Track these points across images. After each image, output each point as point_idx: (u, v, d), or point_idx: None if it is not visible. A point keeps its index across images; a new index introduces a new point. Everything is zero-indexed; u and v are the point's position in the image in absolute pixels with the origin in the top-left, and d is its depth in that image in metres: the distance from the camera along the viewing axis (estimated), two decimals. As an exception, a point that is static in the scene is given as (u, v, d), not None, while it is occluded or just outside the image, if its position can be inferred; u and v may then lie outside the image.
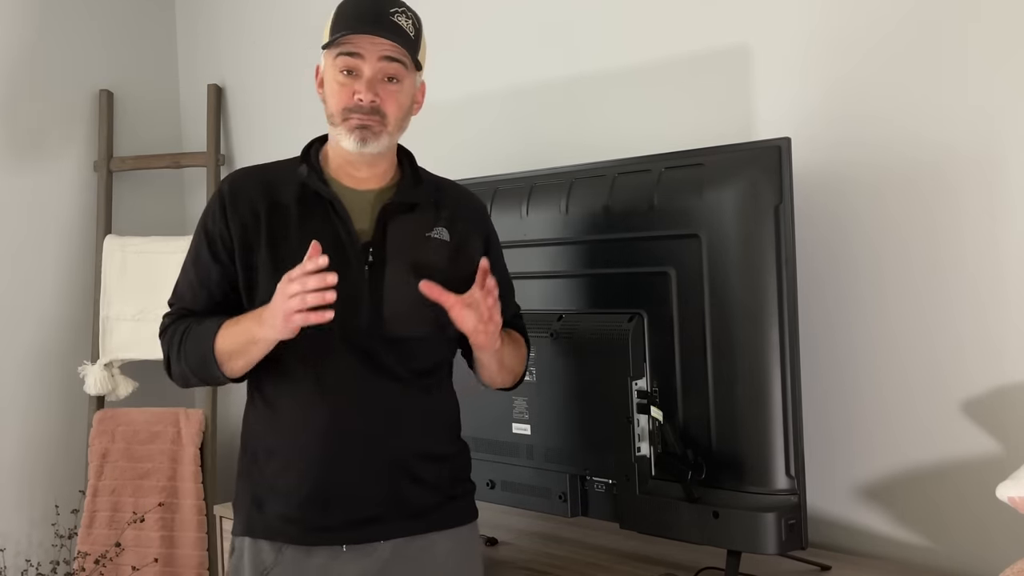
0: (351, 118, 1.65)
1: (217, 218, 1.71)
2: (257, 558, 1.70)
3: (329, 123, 1.70)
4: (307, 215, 1.69)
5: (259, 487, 1.72)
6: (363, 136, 1.65)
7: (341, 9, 1.67)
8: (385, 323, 1.67)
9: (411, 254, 1.69)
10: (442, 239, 1.73)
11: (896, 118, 1.92)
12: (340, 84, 1.65)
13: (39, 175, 3.28)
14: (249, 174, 1.77)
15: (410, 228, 1.71)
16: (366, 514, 1.69)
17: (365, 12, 1.64)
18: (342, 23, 1.64)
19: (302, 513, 1.68)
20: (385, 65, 1.64)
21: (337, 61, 1.65)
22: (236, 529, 1.75)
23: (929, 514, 1.93)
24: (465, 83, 2.70)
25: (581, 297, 1.98)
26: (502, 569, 1.96)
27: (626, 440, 1.86)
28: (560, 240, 2.00)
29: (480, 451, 2.14)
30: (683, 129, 2.24)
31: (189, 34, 3.56)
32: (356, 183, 1.72)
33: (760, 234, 1.70)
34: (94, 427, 3.18)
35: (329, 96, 1.68)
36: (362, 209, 1.70)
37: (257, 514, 1.71)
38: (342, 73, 1.65)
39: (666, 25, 2.26)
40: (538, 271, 2.06)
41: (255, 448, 1.74)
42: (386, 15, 1.64)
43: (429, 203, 1.75)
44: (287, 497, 1.69)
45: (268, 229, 1.68)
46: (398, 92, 1.67)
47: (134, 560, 3.06)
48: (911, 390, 1.93)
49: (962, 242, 1.86)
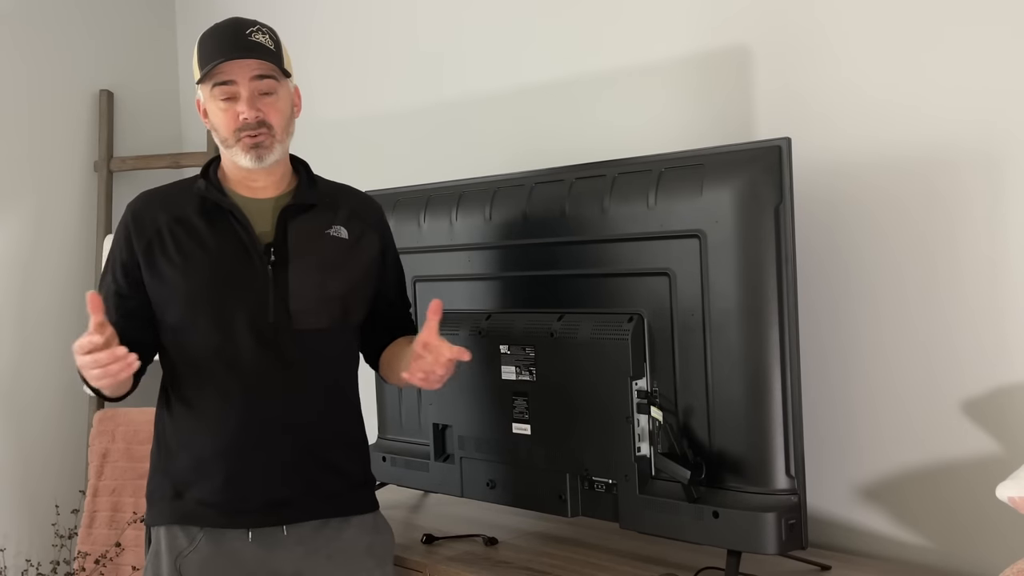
0: (242, 137, 1.79)
1: (123, 247, 1.84)
2: (173, 543, 1.81)
3: (223, 147, 1.83)
4: (209, 225, 1.82)
5: (177, 478, 1.83)
6: (259, 154, 1.79)
7: (203, 43, 1.81)
8: (292, 318, 1.80)
9: (312, 251, 1.84)
10: (340, 236, 1.88)
11: (896, 118, 1.92)
12: (223, 111, 1.79)
13: (39, 175, 3.28)
14: (150, 196, 1.89)
15: (309, 227, 1.85)
16: (279, 497, 1.81)
17: (225, 40, 1.78)
18: (208, 56, 1.78)
19: (218, 498, 1.80)
20: (257, 83, 1.79)
21: (215, 92, 1.79)
22: (152, 520, 1.86)
23: (929, 514, 1.93)
24: (465, 84, 2.71)
25: (581, 297, 1.98)
26: (502, 569, 1.96)
27: (626, 440, 1.86)
28: (560, 240, 2.00)
29: (480, 451, 2.14)
30: (683, 129, 2.24)
31: (189, 34, 3.56)
32: (254, 192, 1.86)
33: (760, 234, 1.70)
34: (94, 427, 3.18)
35: (217, 124, 1.81)
36: (262, 214, 1.84)
37: (174, 503, 1.82)
38: (222, 101, 1.79)
39: (666, 25, 2.26)
40: (538, 271, 2.06)
41: (171, 442, 1.85)
42: (244, 37, 1.78)
43: (326, 204, 1.89)
44: (203, 484, 1.81)
45: (173, 240, 1.82)
46: (276, 102, 1.81)
47: (134, 560, 3.06)
48: (911, 389, 1.93)
49: (962, 241, 1.85)
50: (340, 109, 3.06)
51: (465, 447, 2.18)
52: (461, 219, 2.19)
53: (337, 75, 3.05)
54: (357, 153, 3.03)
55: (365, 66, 2.97)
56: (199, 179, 1.87)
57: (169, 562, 1.81)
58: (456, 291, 2.22)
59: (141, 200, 1.88)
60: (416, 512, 2.43)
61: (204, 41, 1.82)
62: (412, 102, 2.85)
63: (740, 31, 2.14)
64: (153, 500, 1.87)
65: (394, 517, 2.33)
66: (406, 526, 2.29)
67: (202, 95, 1.84)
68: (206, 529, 1.81)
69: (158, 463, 1.88)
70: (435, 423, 2.23)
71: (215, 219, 1.82)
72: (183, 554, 1.80)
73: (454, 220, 2.20)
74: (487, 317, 2.12)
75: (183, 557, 1.80)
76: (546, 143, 2.51)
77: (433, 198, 2.26)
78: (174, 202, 1.85)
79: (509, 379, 2.06)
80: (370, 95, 2.97)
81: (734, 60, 2.15)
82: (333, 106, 3.07)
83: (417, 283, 2.30)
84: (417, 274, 2.29)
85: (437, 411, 2.22)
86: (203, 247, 1.81)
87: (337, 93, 3.06)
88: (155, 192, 1.91)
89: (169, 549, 1.82)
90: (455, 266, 2.22)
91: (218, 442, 1.81)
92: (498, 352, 2.07)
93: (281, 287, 1.80)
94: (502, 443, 2.09)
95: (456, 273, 2.22)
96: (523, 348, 2.03)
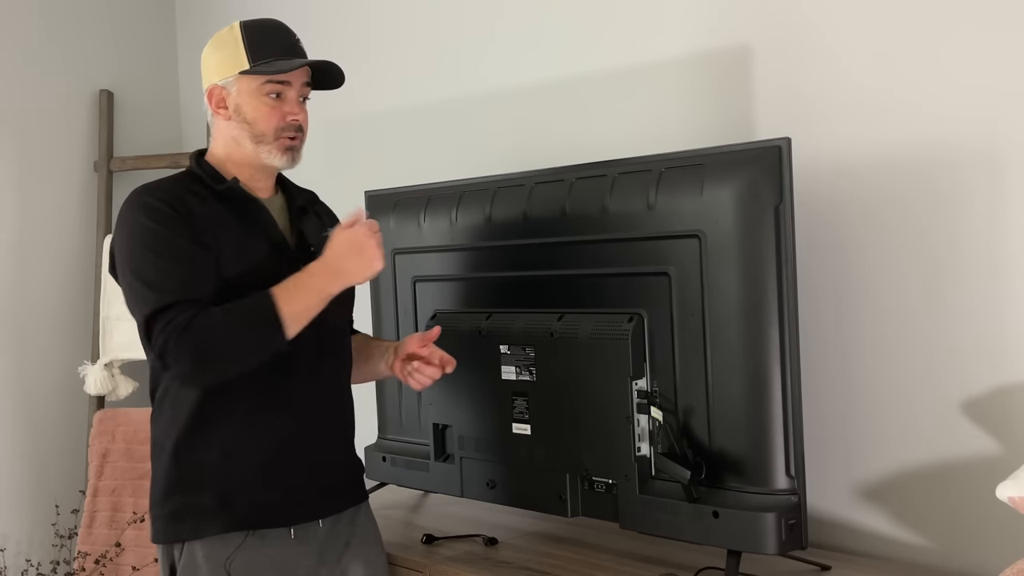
0: (282, 137, 1.81)
1: (170, 216, 1.74)
2: (212, 553, 1.76)
3: (256, 142, 1.82)
4: (241, 219, 1.81)
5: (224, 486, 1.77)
6: (293, 157, 1.84)
7: (254, 36, 1.81)
8: (328, 312, 1.79)
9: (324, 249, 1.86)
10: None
11: (896, 118, 1.92)
12: (270, 107, 1.81)
13: (39, 175, 3.28)
14: (165, 187, 1.81)
15: (316, 227, 1.90)
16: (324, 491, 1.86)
17: (283, 42, 1.83)
18: (266, 51, 1.80)
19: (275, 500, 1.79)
20: (303, 89, 1.86)
21: (265, 87, 1.80)
22: (184, 535, 1.77)
23: (929, 514, 1.93)
24: (465, 83, 2.71)
25: (581, 297, 1.98)
26: (502, 569, 1.96)
27: (626, 440, 1.86)
28: (560, 240, 2.00)
29: (480, 451, 2.14)
30: (683, 129, 2.24)
31: (189, 34, 3.56)
32: (257, 192, 1.87)
33: (760, 234, 1.70)
34: (94, 427, 3.18)
35: (257, 119, 1.81)
36: (276, 214, 1.88)
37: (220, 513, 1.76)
38: (269, 96, 1.81)
39: (666, 25, 2.26)
40: (538, 271, 2.06)
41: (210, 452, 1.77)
42: (298, 44, 1.85)
43: (312, 208, 1.96)
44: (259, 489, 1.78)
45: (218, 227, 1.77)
46: (306, 109, 1.89)
47: (134, 560, 3.06)
48: (911, 389, 1.93)
49: (962, 241, 1.85)
50: (340, 109, 3.05)
51: (465, 447, 2.18)
52: (461, 219, 2.18)
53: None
54: (357, 153, 3.03)
55: (364, 66, 2.97)
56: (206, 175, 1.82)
57: (212, 571, 1.75)
58: (456, 291, 2.22)
59: (157, 187, 1.80)
60: (416, 512, 2.43)
61: (255, 35, 1.81)
62: (412, 102, 2.85)
63: (740, 30, 2.14)
64: (181, 515, 1.77)
65: (394, 517, 2.33)
66: (406, 526, 2.29)
67: (236, 87, 1.81)
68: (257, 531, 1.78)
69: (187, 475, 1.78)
70: (435, 423, 2.23)
71: (244, 214, 1.81)
72: (230, 559, 1.76)
73: (454, 220, 2.20)
74: (487, 317, 2.12)
75: (230, 562, 1.76)
76: (546, 143, 2.51)
77: (433, 198, 2.26)
78: (195, 193, 1.79)
79: (509, 379, 2.06)
80: (370, 95, 2.97)
81: (734, 59, 2.15)
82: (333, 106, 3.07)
83: (417, 283, 2.30)
84: (417, 274, 2.29)
85: (437, 411, 2.22)
86: (241, 239, 1.78)
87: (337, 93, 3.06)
88: (163, 183, 1.82)
89: (207, 559, 1.76)
90: (455, 266, 2.22)
91: (273, 445, 1.79)
92: (498, 352, 2.07)
93: None
94: (502, 443, 2.09)
95: (456, 273, 2.22)
96: (523, 348, 2.03)
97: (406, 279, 2.30)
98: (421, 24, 2.81)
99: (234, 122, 1.82)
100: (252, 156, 1.83)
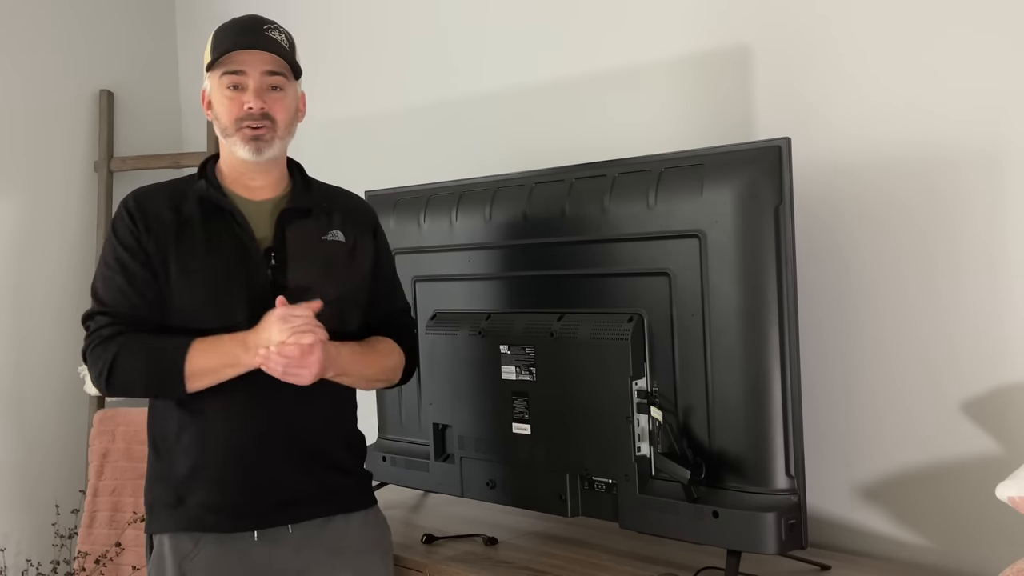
0: (243, 128, 1.78)
1: (129, 229, 1.81)
2: (178, 549, 1.80)
3: (222, 136, 1.82)
4: (210, 226, 1.81)
5: (179, 484, 1.81)
6: (258, 147, 1.79)
7: (219, 33, 1.83)
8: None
9: (310, 255, 1.83)
10: (338, 240, 1.88)
11: (896, 118, 1.92)
12: (228, 99, 1.79)
13: (39, 175, 3.28)
14: (150, 192, 1.88)
15: (307, 231, 1.85)
16: (284, 498, 1.81)
17: (241, 32, 1.80)
18: (222, 44, 1.79)
19: (224, 501, 1.79)
20: (268, 78, 1.79)
21: (223, 79, 1.79)
22: (153, 527, 1.84)
23: (929, 514, 1.93)
24: (465, 83, 2.71)
25: (581, 297, 1.98)
26: (502, 569, 1.96)
27: (626, 440, 1.86)
28: (560, 240, 2.00)
29: (480, 451, 2.14)
30: (683, 129, 2.24)
31: (189, 34, 3.56)
32: (252, 193, 1.85)
33: (760, 234, 1.70)
34: (94, 427, 3.18)
35: (220, 112, 1.81)
36: (260, 217, 1.83)
37: (177, 510, 1.80)
38: (229, 89, 1.79)
39: (666, 25, 2.27)
40: (538, 271, 2.06)
41: (172, 447, 1.82)
42: (261, 32, 1.80)
43: (322, 208, 1.89)
44: (208, 489, 1.79)
45: (176, 240, 1.80)
46: (283, 98, 1.81)
47: (134, 560, 3.06)
48: (911, 389, 1.93)
49: (961, 241, 1.85)
50: (340, 109, 3.06)
51: (465, 447, 2.18)
52: (461, 219, 2.19)
53: (337, 74, 3.05)
54: (357, 153, 3.03)
55: (364, 66, 2.97)
56: (198, 178, 1.86)
57: (174, 566, 1.79)
58: (456, 291, 2.22)
59: (140, 194, 1.85)
60: (416, 512, 2.43)
61: (220, 31, 1.82)
62: (412, 102, 2.85)
63: (740, 30, 2.14)
64: (154, 508, 1.84)
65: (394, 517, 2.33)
66: (406, 526, 2.29)
67: (209, 84, 1.83)
68: (209, 534, 1.80)
69: (157, 470, 1.85)
70: (435, 423, 2.23)
71: (215, 220, 1.81)
72: (188, 556, 1.79)
73: (454, 220, 2.20)
74: (487, 317, 2.12)
75: (188, 560, 1.79)
76: (546, 143, 2.51)
77: (433, 198, 2.26)
78: (173, 200, 1.83)
79: (509, 379, 2.06)
80: (370, 95, 2.97)
81: (734, 59, 2.15)
82: (333, 106, 3.07)
83: (417, 283, 2.30)
84: (417, 274, 2.29)
85: (437, 411, 2.22)
86: (204, 248, 1.79)
87: (338, 93, 3.06)
88: (152, 189, 1.88)
89: (173, 552, 1.80)
90: (455, 266, 2.22)
91: (222, 446, 1.79)
92: (498, 352, 2.07)
93: (281, 292, 1.77)
94: (502, 443, 2.09)
95: (456, 273, 2.22)
96: (523, 348, 2.03)
97: (406, 279, 2.30)
98: (421, 24, 2.81)
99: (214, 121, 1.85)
100: (230, 152, 1.83)
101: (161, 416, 1.85)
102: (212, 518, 1.79)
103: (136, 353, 1.75)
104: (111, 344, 1.76)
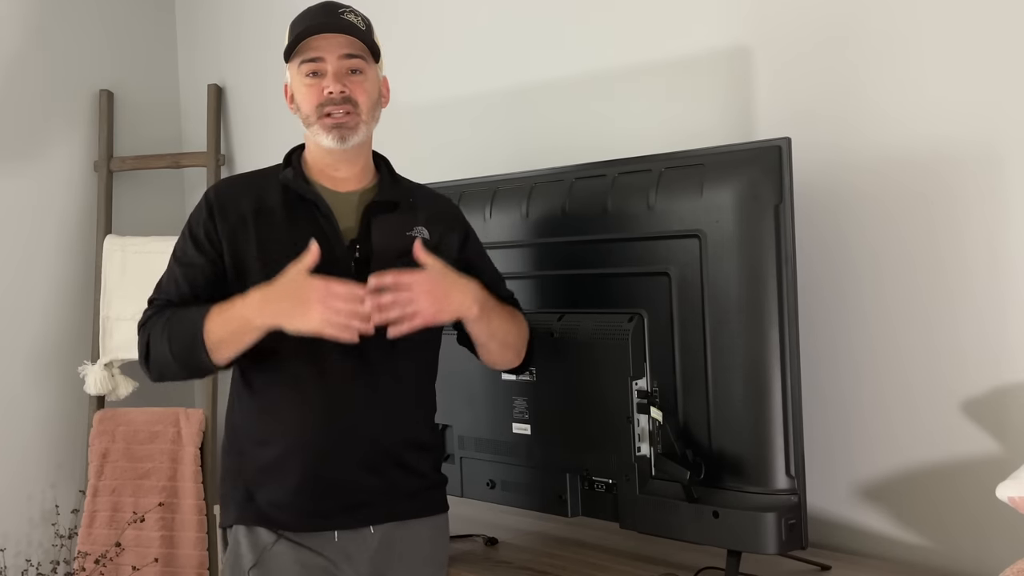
0: (325, 114, 1.73)
1: (204, 221, 1.77)
2: (255, 540, 1.75)
3: (306, 126, 1.77)
4: (293, 216, 1.75)
5: (250, 480, 1.76)
6: (341, 134, 1.73)
7: (294, 22, 1.77)
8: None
9: (396, 250, 1.75)
10: (423, 237, 1.80)
11: (896, 117, 1.92)
12: (308, 86, 1.74)
13: (39, 175, 3.27)
14: (234, 182, 1.84)
15: (393, 226, 1.78)
16: (358, 500, 1.75)
17: (316, 15, 1.75)
18: (297, 31, 1.74)
19: (296, 500, 1.74)
20: (346, 61, 1.73)
21: (302, 68, 1.74)
22: (228, 520, 1.80)
23: (929, 514, 1.93)
24: (465, 83, 2.71)
25: (581, 297, 1.98)
26: (502, 569, 1.96)
27: (626, 440, 1.86)
28: (560, 240, 2.00)
29: (480, 451, 2.14)
30: (683, 129, 2.24)
31: (189, 34, 3.56)
32: (337, 184, 1.79)
33: (760, 234, 1.70)
34: (94, 427, 3.18)
35: (301, 101, 1.76)
36: (345, 209, 1.77)
37: (249, 504, 1.76)
38: (308, 76, 1.74)
39: (667, 25, 2.26)
40: (538, 271, 2.06)
41: (244, 442, 1.79)
42: (336, 15, 1.74)
43: (408, 203, 1.83)
44: (281, 487, 1.74)
45: (256, 231, 1.74)
46: (364, 81, 1.75)
47: (134, 560, 3.06)
48: (911, 390, 1.93)
49: (962, 241, 1.86)
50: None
51: (465, 447, 2.18)
52: (461, 219, 2.18)
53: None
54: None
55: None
56: (284, 167, 1.81)
57: (252, 559, 1.74)
58: (456, 291, 2.22)
59: (224, 184, 1.82)
60: (416, 512, 2.43)
61: (295, 21, 1.77)
62: (412, 102, 2.85)
63: (740, 31, 2.14)
64: (227, 502, 1.80)
65: (394, 517, 2.33)
66: (406, 526, 2.29)
67: (289, 76, 1.79)
68: (286, 532, 1.74)
69: (228, 463, 1.81)
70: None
71: (299, 211, 1.75)
72: (267, 549, 1.74)
73: (454, 220, 2.20)
74: (487, 317, 2.12)
75: (267, 551, 1.73)
76: (546, 143, 2.51)
77: (433, 198, 2.26)
78: (258, 190, 1.78)
79: (509, 379, 2.06)
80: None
81: (734, 59, 2.15)
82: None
83: (417, 283, 2.30)
84: (417, 274, 2.29)
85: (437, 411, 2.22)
86: (285, 240, 1.72)
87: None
88: (238, 179, 1.84)
89: (251, 545, 1.75)
90: (455, 266, 2.22)
91: (296, 444, 1.73)
92: (498, 352, 2.07)
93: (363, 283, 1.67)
94: (502, 443, 2.09)
95: (456, 273, 2.22)
96: (523, 348, 2.03)
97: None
98: (421, 24, 2.81)
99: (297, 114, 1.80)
100: (315, 143, 1.77)
101: (237, 408, 1.81)
102: (283, 517, 1.74)
103: (165, 329, 1.71)
104: (145, 328, 1.75)
